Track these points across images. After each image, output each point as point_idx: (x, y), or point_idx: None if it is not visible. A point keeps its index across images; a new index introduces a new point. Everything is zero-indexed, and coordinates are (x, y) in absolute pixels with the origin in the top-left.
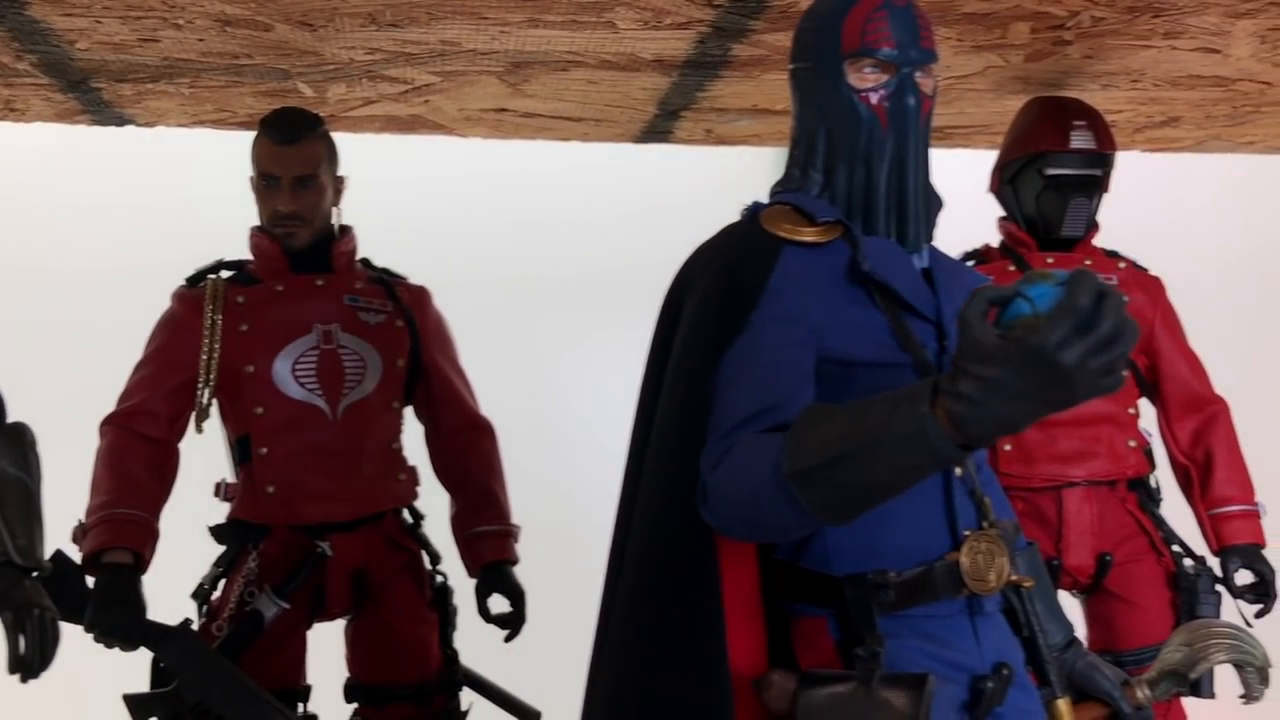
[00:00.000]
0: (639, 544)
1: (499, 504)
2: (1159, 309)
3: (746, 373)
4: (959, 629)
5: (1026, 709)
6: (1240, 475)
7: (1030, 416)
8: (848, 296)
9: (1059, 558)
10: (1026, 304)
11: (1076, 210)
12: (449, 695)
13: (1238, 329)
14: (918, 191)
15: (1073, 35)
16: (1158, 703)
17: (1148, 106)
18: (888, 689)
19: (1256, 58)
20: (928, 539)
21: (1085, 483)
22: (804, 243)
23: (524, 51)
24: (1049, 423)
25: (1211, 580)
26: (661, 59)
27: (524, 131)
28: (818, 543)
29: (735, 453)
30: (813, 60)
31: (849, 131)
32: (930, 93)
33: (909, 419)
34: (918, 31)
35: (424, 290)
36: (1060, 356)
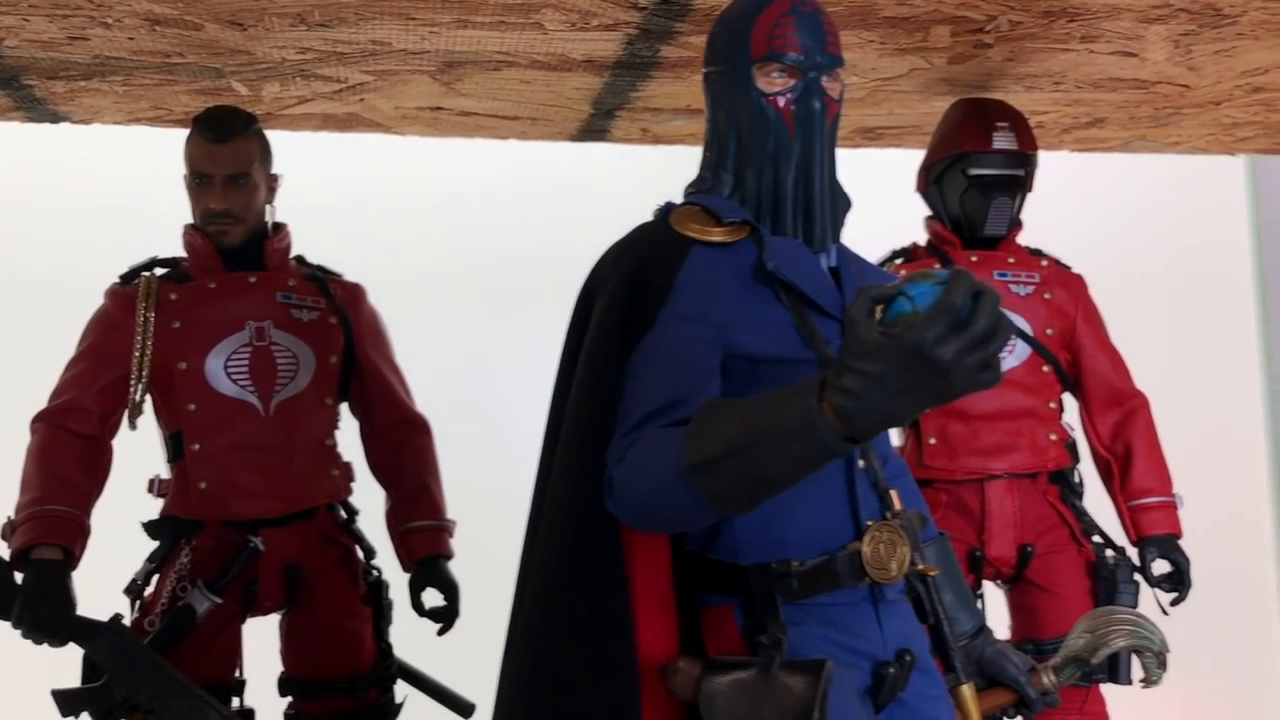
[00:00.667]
0: (548, 535)
1: (433, 499)
2: (1081, 306)
3: (652, 369)
4: (862, 616)
5: (931, 695)
6: (1159, 468)
7: (911, 410)
8: (754, 294)
9: (982, 549)
10: (908, 302)
11: (999, 209)
12: (384, 688)
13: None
14: (824, 193)
15: (992, 39)
16: (1076, 689)
17: (1072, 108)
18: (787, 674)
19: (1172, 61)
20: (831, 529)
21: (1007, 475)
22: (711, 242)
23: (455, 51)
24: (972, 417)
25: (1130, 570)
26: (592, 60)
27: (461, 130)
28: (726, 534)
29: (639, 447)
30: (723, 64)
31: (757, 134)
32: (837, 97)
33: (798, 413)
34: (824, 37)
35: (358, 287)
36: (936, 353)
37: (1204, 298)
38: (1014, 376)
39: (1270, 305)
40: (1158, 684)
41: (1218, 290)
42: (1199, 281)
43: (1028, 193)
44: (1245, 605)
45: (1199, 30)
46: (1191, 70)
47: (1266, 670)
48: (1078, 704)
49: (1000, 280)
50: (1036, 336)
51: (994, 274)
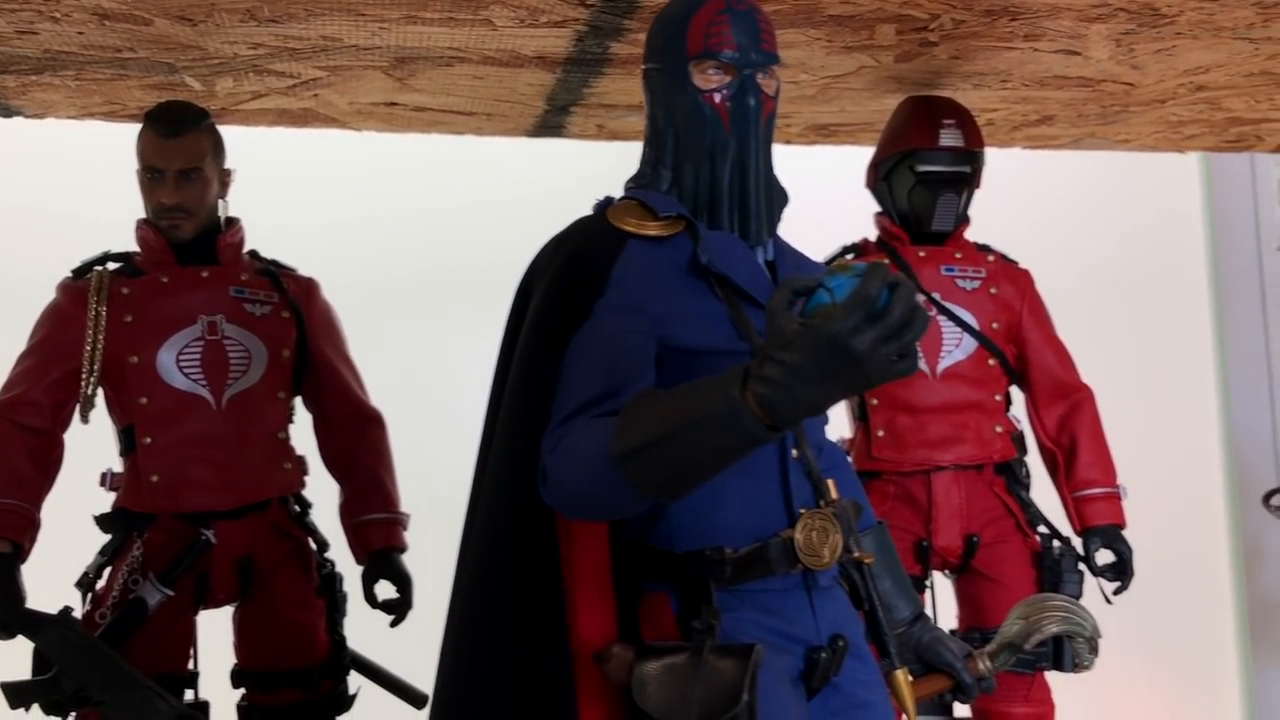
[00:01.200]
0: (483, 524)
1: (387, 492)
2: (1027, 300)
3: (587, 360)
4: (796, 603)
5: (865, 679)
6: (1103, 459)
7: (831, 398)
8: (689, 287)
9: (929, 539)
10: (827, 294)
11: (946, 205)
12: (337, 680)
13: (1117, 321)
14: (759, 188)
15: (937, 37)
16: (1021, 677)
17: (1021, 105)
18: (718, 658)
19: (1114, 60)
20: (765, 517)
21: (953, 467)
22: (647, 236)
23: (406, 47)
24: (919, 410)
25: (1075, 560)
26: (543, 56)
27: (416, 125)
28: (662, 523)
29: (571, 436)
30: (661, 61)
31: (694, 130)
32: (773, 94)
33: (722, 402)
34: (759, 35)
35: (312, 281)
36: (852, 343)
37: (1160, 294)
38: (960, 370)
39: (1224, 302)
40: (1089, 669)
41: (1173, 286)
42: (1155, 278)
43: (975, 189)
44: (1199, 598)
45: (1138, 29)
46: (1135, 69)
47: (1219, 662)
48: (1023, 692)
49: (947, 275)
50: (982, 330)
51: (941, 269)
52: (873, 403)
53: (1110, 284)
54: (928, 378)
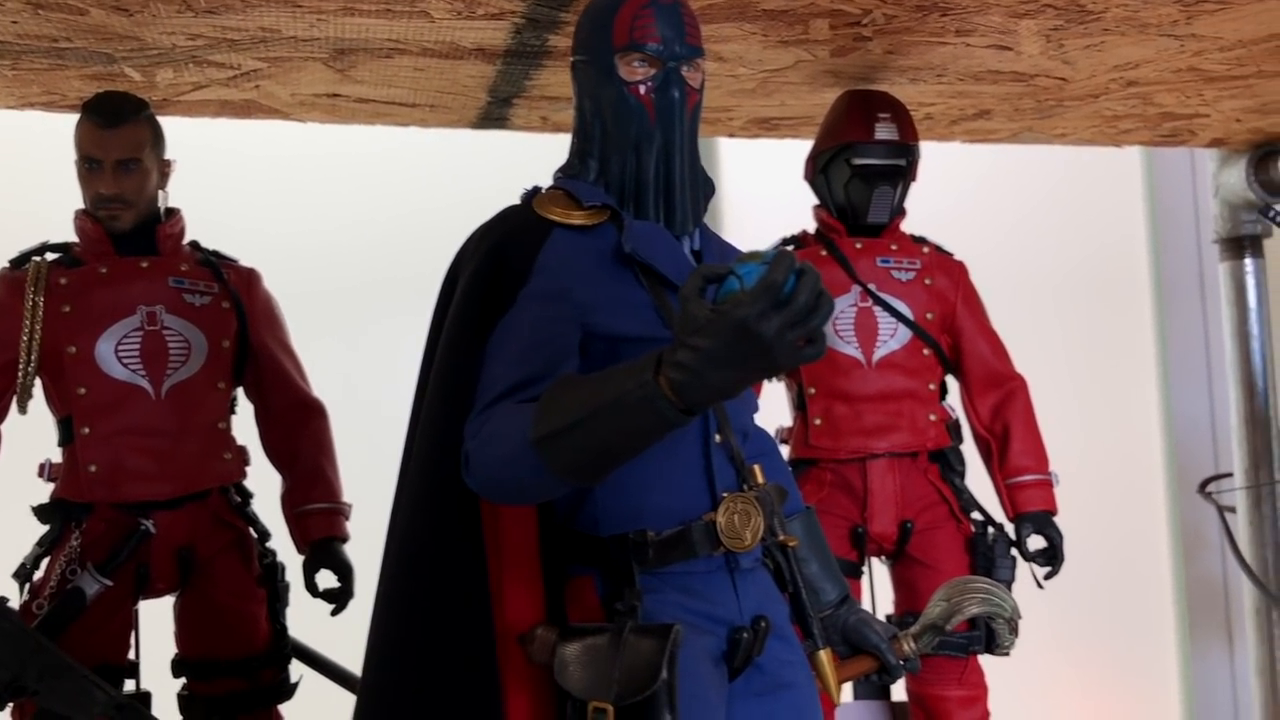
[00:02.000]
0: (408, 509)
1: (329, 482)
2: (961, 291)
3: (510, 347)
4: (719, 584)
5: (788, 659)
6: (1035, 447)
7: (741, 383)
8: (614, 276)
9: (864, 525)
10: (737, 281)
11: (881, 198)
12: (278, 669)
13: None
14: (684, 178)
15: (870, 31)
16: (954, 660)
17: (958, 100)
18: (637, 638)
19: (1046, 55)
20: (688, 501)
21: (888, 455)
22: (572, 225)
23: (344, 38)
24: (855, 399)
25: (1007, 545)
26: (483, 48)
27: (360, 116)
28: (587, 507)
29: (493, 422)
30: (588, 54)
31: (620, 121)
32: (697, 86)
33: (636, 387)
34: (683, 28)
35: (253, 272)
36: (759, 328)
37: (1103, 286)
38: (895, 359)
39: (1165, 294)
40: (1009, 650)
41: (1116, 278)
42: (1099, 270)
43: (911, 182)
44: (1140, 582)
45: (1067, 25)
46: (1066, 64)
47: (1159, 644)
48: (956, 675)
49: (883, 266)
50: (917, 320)
51: (877, 260)
52: (810, 392)
53: (1055, 276)
54: (864, 367)
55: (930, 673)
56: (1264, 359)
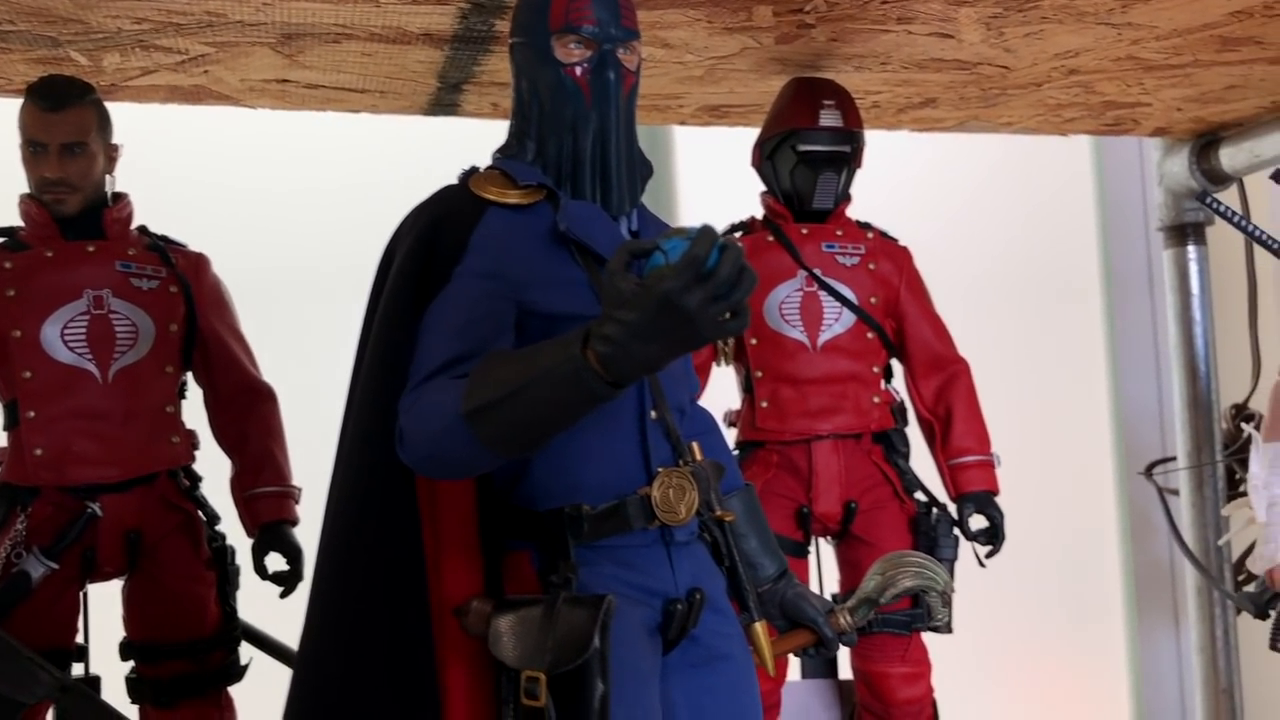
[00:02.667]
0: (343, 485)
1: (278, 465)
2: (905, 276)
3: (445, 323)
4: (654, 558)
5: (723, 632)
6: (977, 428)
7: (666, 356)
8: (549, 254)
9: (810, 506)
10: (662, 256)
11: (826, 184)
12: (228, 651)
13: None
14: (620, 159)
15: (814, 19)
16: (898, 637)
17: (903, 88)
18: (570, 609)
19: (987, 43)
20: (623, 475)
21: (832, 436)
22: (507, 204)
23: (292, 23)
24: (801, 381)
25: (950, 524)
26: (430, 33)
27: (311, 102)
28: (524, 482)
29: (426, 397)
30: (525, 36)
31: (557, 103)
32: (634, 69)
33: (564, 360)
34: (619, 11)
35: (202, 256)
36: (682, 301)
37: (1054, 273)
38: (839, 343)
39: (1113, 281)
40: (943, 623)
41: (1067, 266)
42: (1050, 258)
43: (856, 168)
44: (1089, 564)
45: (1006, 13)
46: (1008, 52)
47: (1108, 625)
48: (899, 652)
49: (828, 251)
50: (861, 305)
51: (822, 245)
52: (757, 375)
53: (1008, 263)
54: (809, 351)
55: (874, 650)
56: (1206, 344)
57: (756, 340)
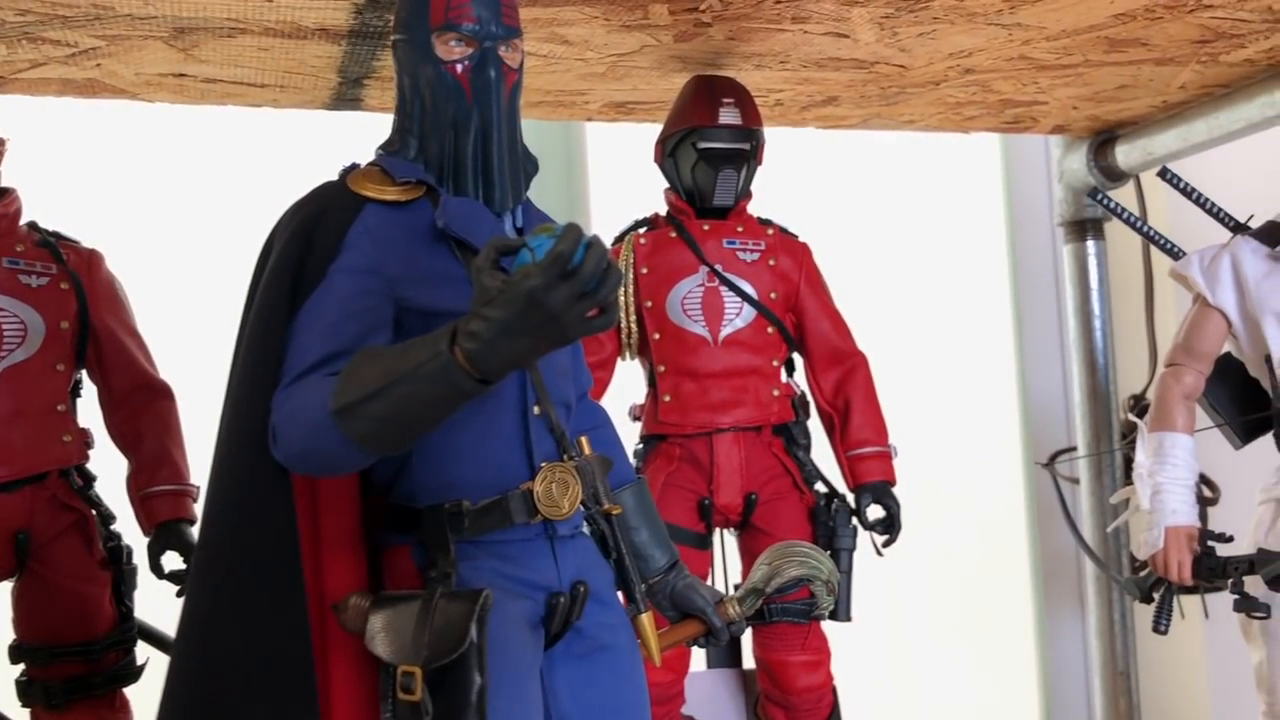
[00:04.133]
0: (217, 484)
1: (175, 464)
2: (804, 271)
3: (318, 321)
4: (537, 552)
5: (609, 623)
6: (875, 420)
7: (533, 352)
8: (428, 251)
9: (711, 498)
10: (529, 253)
11: (726, 181)
12: (123, 651)
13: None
14: (503, 156)
15: (710, 17)
16: (797, 626)
17: (804, 86)
18: (447, 603)
19: (882, 43)
20: (505, 471)
21: (733, 429)
22: (385, 201)
23: (182, 17)
24: (702, 375)
25: (848, 514)
26: (325, 28)
27: (210, 97)
28: (405, 479)
29: (298, 395)
30: (406, 33)
31: (438, 100)
32: (516, 66)
33: (432, 357)
34: (500, 9)
35: (94, 253)
36: (547, 298)
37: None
38: (740, 337)
39: (1020, 275)
40: (825, 611)
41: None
42: (960, 253)
43: (757, 165)
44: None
45: (898, 13)
46: (903, 51)
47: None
48: (799, 640)
49: (729, 247)
50: (761, 300)
51: (723, 242)
52: (660, 369)
53: (920, 257)
54: (710, 345)
55: (774, 639)
56: (1105, 337)
57: (659, 335)
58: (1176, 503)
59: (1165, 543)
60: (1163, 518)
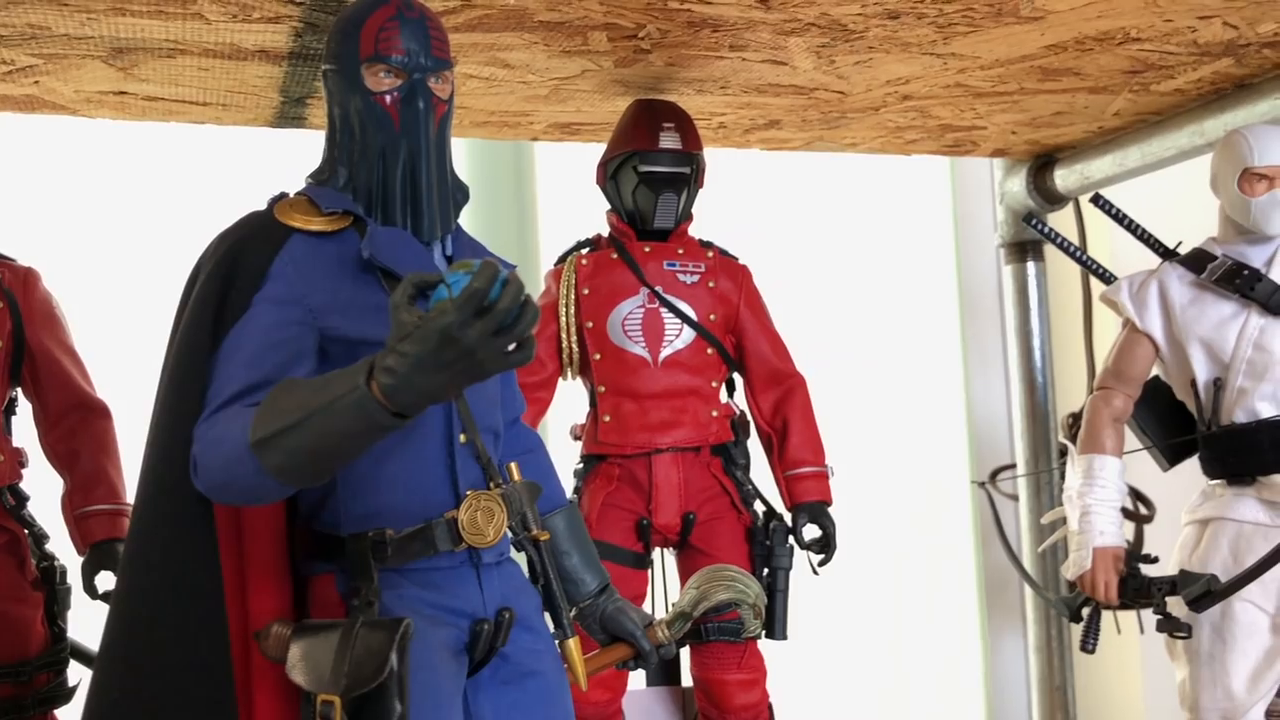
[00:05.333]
0: (139, 512)
1: (110, 483)
2: (744, 293)
3: (242, 351)
4: (463, 579)
5: (535, 649)
6: (813, 441)
7: (450, 387)
8: (354, 280)
9: (650, 518)
10: (446, 290)
11: (666, 204)
12: (55, 673)
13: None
14: (431, 186)
15: (649, 45)
16: (733, 645)
17: (746, 110)
18: (368, 632)
19: (820, 70)
20: (430, 500)
21: (671, 449)
22: (312, 231)
23: (120, 37)
24: (642, 396)
25: (785, 534)
26: (265, 50)
27: (152, 114)
28: (329, 507)
29: (219, 425)
30: (337, 64)
31: (367, 130)
32: (445, 97)
33: (349, 391)
34: (429, 42)
35: (30, 271)
36: (463, 335)
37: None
38: (680, 358)
39: (967, 298)
40: (753, 633)
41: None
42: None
43: (698, 188)
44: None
45: (833, 43)
46: (841, 79)
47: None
48: (735, 659)
49: (669, 269)
50: (700, 321)
51: (664, 264)
52: (600, 389)
53: (871, 278)
54: (650, 366)
55: (711, 658)
56: (1044, 357)
57: (600, 355)
58: (1104, 524)
59: (1093, 563)
60: (1091, 539)
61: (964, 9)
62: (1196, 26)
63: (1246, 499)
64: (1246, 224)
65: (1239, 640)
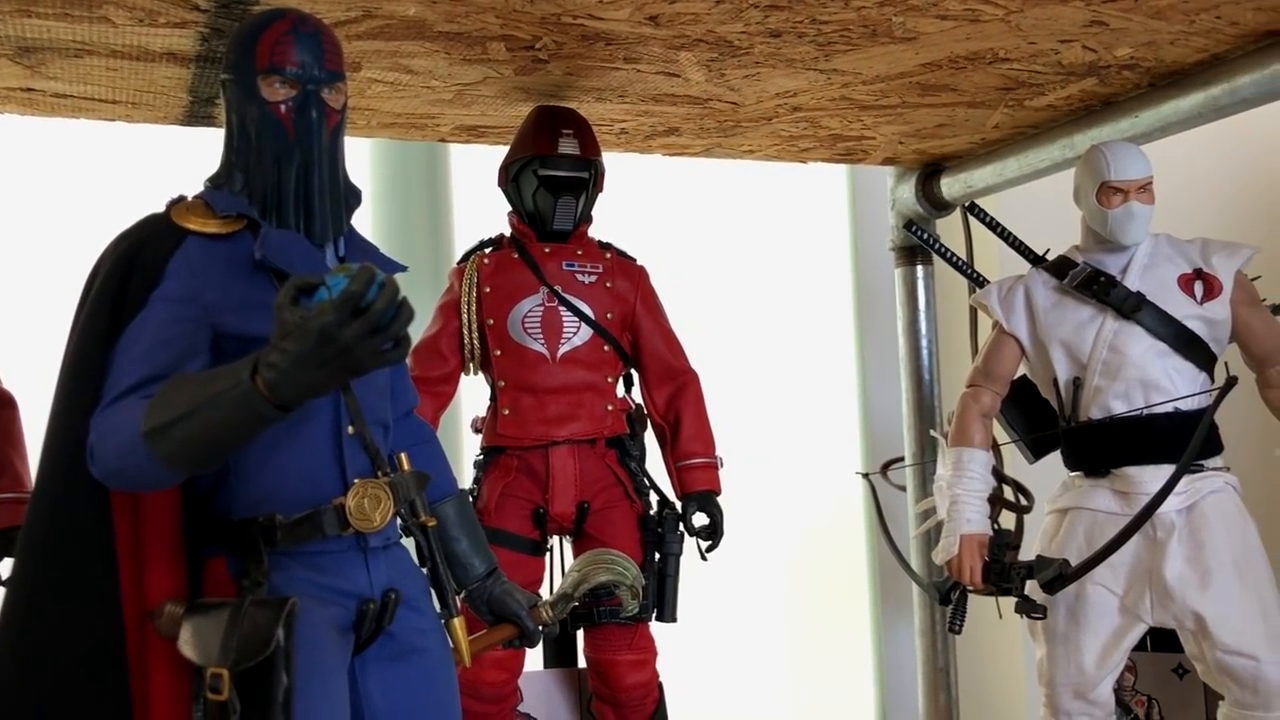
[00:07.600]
0: (37, 498)
1: (16, 472)
2: (640, 292)
3: (137, 346)
4: (350, 562)
5: (421, 628)
6: (704, 433)
7: (329, 382)
8: (247, 280)
9: (546, 507)
10: (326, 291)
11: (565, 207)
12: None
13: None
14: (323, 190)
15: (546, 55)
16: (624, 628)
17: (646, 118)
18: (256, 609)
19: (711, 82)
20: (318, 487)
21: (568, 441)
22: (207, 233)
23: (27, 38)
24: (540, 390)
25: (676, 522)
26: (173, 53)
27: (61, 111)
28: (223, 493)
29: (114, 415)
30: (235, 74)
31: (263, 137)
32: (338, 107)
33: (234, 385)
34: (323, 55)
35: None
36: (339, 334)
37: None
38: (577, 355)
39: (862, 298)
40: (631, 613)
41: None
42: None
43: (597, 192)
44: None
45: (721, 58)
46: (732, 90)
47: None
48: (626, 640)
49: (568, 270)
50: (597, 320)
51: (563, 264)
52: (500, 384)
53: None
54: (549, 362)
55: (603, 640)
56: (930, 355)
57: (500, 351)
58: (971, 512)
59: (959, 549)
60: (958, 526)
61: (841, 29)
62: (1059, 49)
63: (1101, 490)
64: (1104, 234)
65: (1090, 620)
